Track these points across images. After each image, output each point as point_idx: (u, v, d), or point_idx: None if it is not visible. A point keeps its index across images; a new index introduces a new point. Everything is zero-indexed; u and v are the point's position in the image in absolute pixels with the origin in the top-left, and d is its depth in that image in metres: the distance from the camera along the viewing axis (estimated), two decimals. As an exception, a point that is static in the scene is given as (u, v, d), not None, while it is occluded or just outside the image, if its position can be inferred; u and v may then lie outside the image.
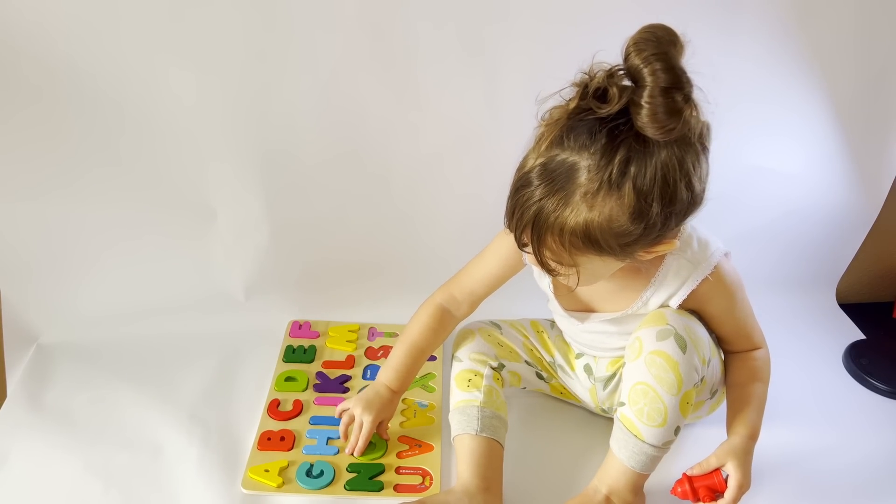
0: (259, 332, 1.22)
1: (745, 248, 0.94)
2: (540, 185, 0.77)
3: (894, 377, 1.18)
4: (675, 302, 0.90)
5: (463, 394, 0.99)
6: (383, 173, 1.20)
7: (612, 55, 0.96)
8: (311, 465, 0.98)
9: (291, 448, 1.01)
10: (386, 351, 1.20)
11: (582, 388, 1.06)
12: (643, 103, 0.71)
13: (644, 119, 0.71)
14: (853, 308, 1.37)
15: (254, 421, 1.05)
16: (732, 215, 1.21)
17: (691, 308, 0.92)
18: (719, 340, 0.97)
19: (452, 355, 1.05)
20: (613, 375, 1.00)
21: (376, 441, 1.01)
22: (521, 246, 0.82)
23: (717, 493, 0.87)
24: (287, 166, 1.16)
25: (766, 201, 1.28)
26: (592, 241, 0.77)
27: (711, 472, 0.87)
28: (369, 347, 1.21)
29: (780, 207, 1.29)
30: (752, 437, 0.89)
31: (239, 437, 1.03)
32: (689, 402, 0.87)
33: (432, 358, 1.19)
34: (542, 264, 0.81)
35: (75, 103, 1.05)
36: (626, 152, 0.73)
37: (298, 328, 1.24)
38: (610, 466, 0.91)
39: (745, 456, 0.87)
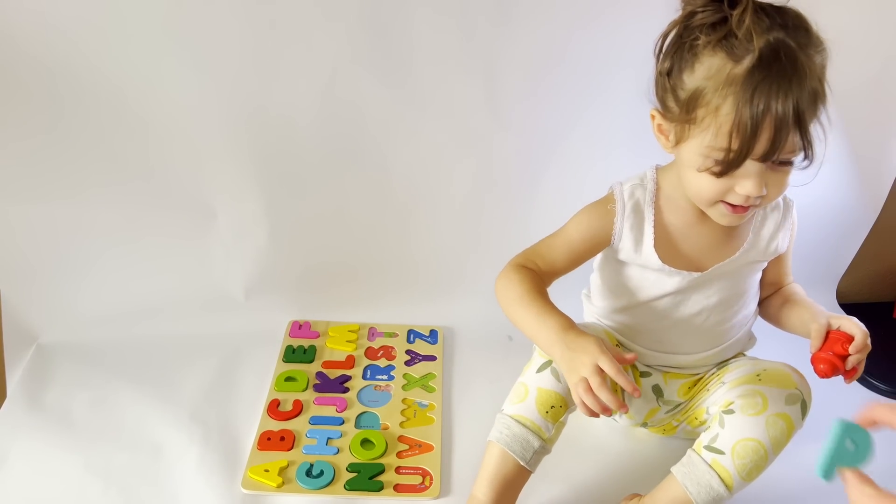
0: (259, 332, 1.22)
1: (746, 247, 0.95)
2: (799, 53, 0.75)
3: (894, 377, 1.18)
4: (785, 234, 0.92)
5: (537, 416, 0.87)
6: (383, 173, 1.20)
7: (612, 55, 0.96)
8: (311, 465, 0.98)
9: (291, 448, 1.01)
10: (386, 351, 1.20)
11: (639, 406, 1.00)
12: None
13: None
14: (854, 308, 1.36)
15: (254, 421, 1.05)
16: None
17: None
18: (770, 286, 0.98)
19: (549, 361, 0.88)
20: (680, 404, 0.99)
21: (376, 440, 1.02)
22: (773, 151, 0.76)
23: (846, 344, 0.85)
24: (287, 166, 1.16)
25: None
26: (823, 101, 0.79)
27: (828, 336, 0.86)
28: (369, 347, 1.21)
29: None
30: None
31: (239, 437, 1.03)
32: None
33: (432, 358, 1.19)
34: (808, 145, 0.78)
35: (75, 104, 1.05)
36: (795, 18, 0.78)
37: (298, 328, 1.24)
38: (672, 498, 0.88)
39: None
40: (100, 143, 1.09)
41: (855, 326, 0.84)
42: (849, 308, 1.37)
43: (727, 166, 0.77)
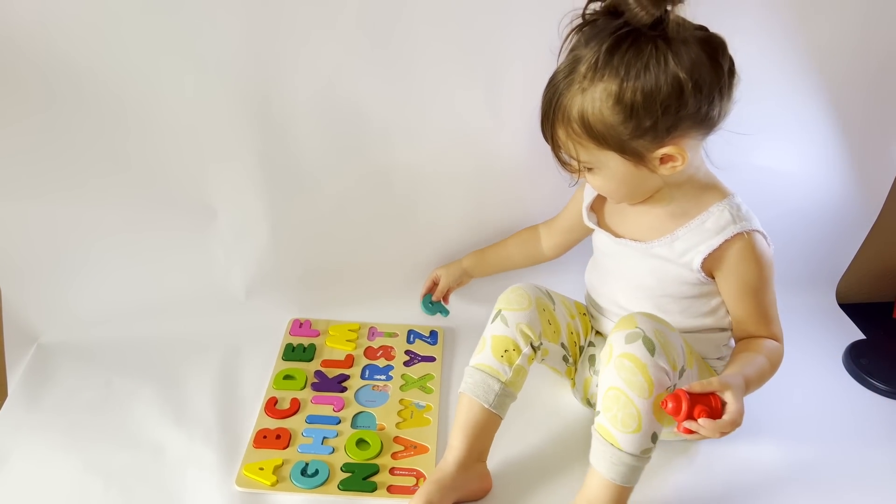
0: (259, 330, 1.23)
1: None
2: (554, 80, 0.87)
3: (894, 377, 1.18)
4: (703, 250, 0.91)
5: (493, 361, 0.97)
6: (384, 172, 1.19)
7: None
8: (306, 464, 0.98)
9: (287, 446, 1.01)
10: (385, 351, 1.20)
11: (581, 372, 1.07)
12: None
13: (629, 3, 0.79)
14: (853, 308, 1.37)
15: (251, 419, 1.06)
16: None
17: (716, 271, 0.93)
18: (735, 323, 0.96)
19: (499, 311, 1.00)
20: None
21: (371, 441, 1.02)
22: (547, 140, 0.90)
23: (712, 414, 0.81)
24: (287, 166, 1.16)
25: (767, 201, 1.27)
26: (588, 126, 0.85)
27: (709, 394, 0.81)
28: (369, 347, 1.21)
29: (780, 207, 1.28)
30: (747, 386, 0.86)
31: (238, 435, 1.04)
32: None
33: (431, 359, 1.19)
34: (557, 158, 0.91)
35: (76, 103, 1.05)
36: (614, 42, 0.81)
37: (299, 326, 1.24)
38: (591, 483, 0.88)
39: (741, 394, 0.83)
40: (100, 142, 1.09)
41: (736, 409, 0.80)
42: (849, 308, 1.36)
43: None
